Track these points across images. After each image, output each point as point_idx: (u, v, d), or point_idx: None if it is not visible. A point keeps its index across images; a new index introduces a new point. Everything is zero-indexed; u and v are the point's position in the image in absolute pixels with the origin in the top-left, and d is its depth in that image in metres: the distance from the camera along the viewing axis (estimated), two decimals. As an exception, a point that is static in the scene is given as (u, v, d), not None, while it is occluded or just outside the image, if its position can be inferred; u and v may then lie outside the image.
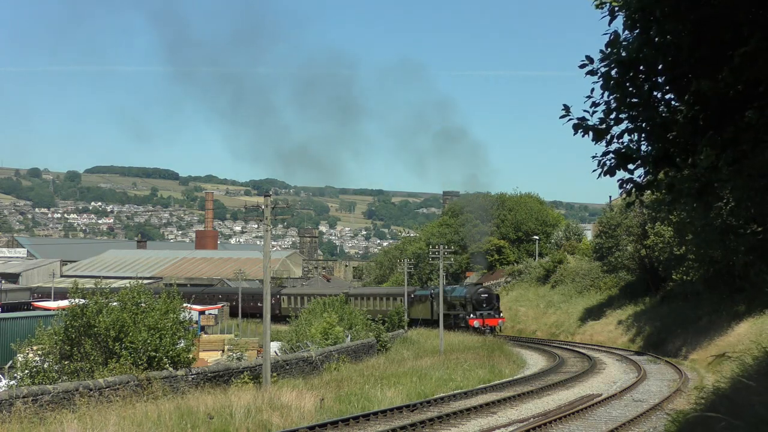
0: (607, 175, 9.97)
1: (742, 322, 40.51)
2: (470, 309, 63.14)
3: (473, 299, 63.36)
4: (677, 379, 34.31)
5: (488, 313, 62.64)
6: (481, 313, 62.35)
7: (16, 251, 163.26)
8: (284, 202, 38.02)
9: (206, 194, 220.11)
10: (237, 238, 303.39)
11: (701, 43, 9.11)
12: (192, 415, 22.17)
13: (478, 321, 61.80)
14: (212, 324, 70.93)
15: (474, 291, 64.90)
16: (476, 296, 63.51)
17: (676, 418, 19.72)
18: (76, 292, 30.10)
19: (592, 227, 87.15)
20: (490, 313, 62.75)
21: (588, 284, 69.52)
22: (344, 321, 50.01)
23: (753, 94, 8.85)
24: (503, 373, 38.01)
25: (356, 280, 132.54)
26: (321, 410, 25.14)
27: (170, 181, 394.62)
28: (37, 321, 36.54)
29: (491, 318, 62.58)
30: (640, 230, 56.63)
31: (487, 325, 61.89)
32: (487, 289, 66.45)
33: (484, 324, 61.75)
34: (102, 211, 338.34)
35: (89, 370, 28.42)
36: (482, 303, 63.10)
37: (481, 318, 62.09)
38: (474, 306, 63.07)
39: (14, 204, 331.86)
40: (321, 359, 38.43)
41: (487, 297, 63.71)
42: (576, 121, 9.92)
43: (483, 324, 61.68)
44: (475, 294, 63.92)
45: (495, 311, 63.45)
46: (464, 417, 24.95)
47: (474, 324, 61.47)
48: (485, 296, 63.71)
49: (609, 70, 9.68)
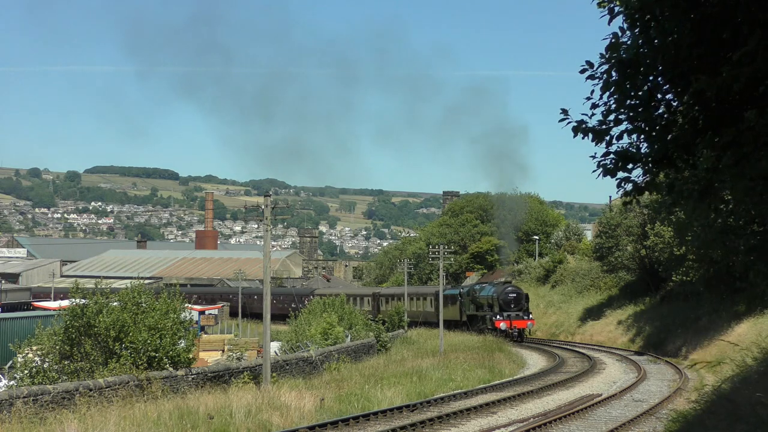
0: (607, 176, 9.96)
1: (742, 322, 40.52)
2: (497, 309, 58.28)
3: (500, 299, 58.31)
4: (677, 379, 34.31)
5: (516, 314, 57.71)
6: (508, 314, 57.45)
7: (16, 251, 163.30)
8: (284, 202, 37.98)
9: (206, 194, 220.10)
10: (237, 238, 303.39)
11: (701, 42, 9.11)
12: (192, 415, 22.18)
13: (504, 323, 56.86)
14: (212, 324, 70.94)
15: (501, 290, 59.20)
16: (503, 295, 58.41)
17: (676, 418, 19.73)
18: (77, 292, 30.10)
19: (592, 227, 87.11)
20: (518, 314, 57.82)
21: (588, 284, 69.51)
22: (344, 321, 50.02)
23: (753, 95, 8.85)
24: (503, 373, 38.00)
25: (356, 280, 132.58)
26: (321, 410, 25.15)
27: (170, 181, 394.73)
28: (37, 321, 36.54)
29: (519, 319, 57.56)
30: (640, 230, 56.63)
31: (515, 328, 57.13)
32: (515, 288, 60.68)
33: (511, 326, 56.99)
34: (102, 211, 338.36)
35: (89, 370, 28.43)
36: (510, 303, 58.20)
37: (508, 319, 57.17)
38: (501, 306, 58.13)
39: (14, 204, 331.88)
40: (321, 359, 38.44)
41: (515, 296, 58.58)
42: (575, 123, 9.91)
43: (510, 326, 56.93)
44: (502, 293, 58.61)
45: (524, 312, 58.42)
46: (464, 417, 24.95)
47: (500, 326, 56.57)
48: (513, 296, 58.54)
49: (609, 70, 9.67)
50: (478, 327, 58.66)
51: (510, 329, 56.64)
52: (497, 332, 55.42)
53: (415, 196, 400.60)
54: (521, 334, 57.28)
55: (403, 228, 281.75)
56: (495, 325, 56.64)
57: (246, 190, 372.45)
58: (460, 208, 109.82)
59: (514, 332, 56.76)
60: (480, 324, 59.00)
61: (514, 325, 57.09)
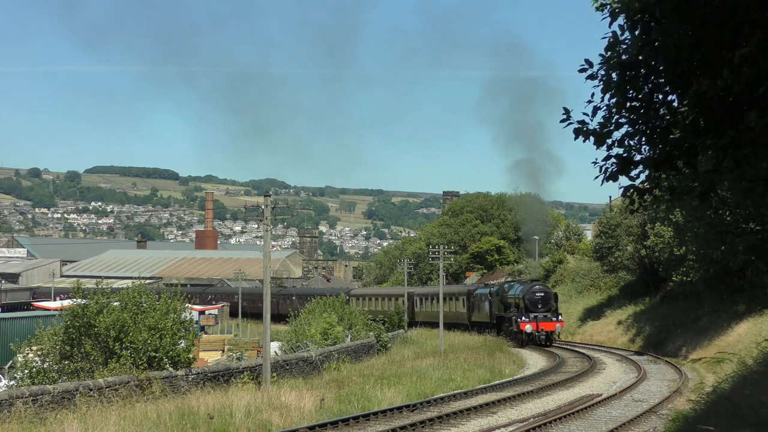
0: (609, 181, 9.88)
1: (742, 322, 40.51)
2: (522, 310, 53.54)
3: (526, 298, 53.54)
4: (677, 379, 34.30)
5: (544, 315, 52.93)
6: (535, 316, 52.78)
7: (16, 251, 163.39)
8: (284, 202, 38.02)
9: (206, 194, 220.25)
10: (237, 238, 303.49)
11: (701, 43, 9.11)
12: (192, 415, 22.17)
13: (530, 325, 52.25)
14: (212, 324, 70.96)
15: (528, 289, 54.41)
16: (529, 295, 53.71)
17: (676, 418, 19.74)
18: (78, 292, 30.11)
19: (592, 227, 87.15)
20: (546, 315, 53.01)
21: (588, 284, 69.55)
22: (344, 321, 50.03)
23: (754, 96, 8.84)
24: (503, 373, 37.98)
25: (356, 280, 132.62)
26: (321, 410, 25.14)
27: (170, 181, 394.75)
28: (37, 321, 36.55)
29: (547, 321, 52.82)
30: (640, 230, 56.63)
31: (542, 330, 52.51)
32: (543, 287, 56.36)
33: (538, 328, 52.36)
34: (102, 211, 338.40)
35: (89, 370, 28.43)
36: (537, 303, 53.31)
37: (535, 321, 52.54)
38: (526, 307, 53.26)
39: (14, 204, 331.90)
40: (321, 359, 38.45)
41: (542, 296, 53.91)
42: (577, 125, 9.82)
43: (537, 328, 52.34)
44: (528, 292, 53.90)
45: (552, 313, 53.57)
46: (464, 417, 24.94)
47: (525, 328, 52.21)
48: (540, 295, 53.88)
49: (609, 72, 9.64)
50: (505, 329, 55.08)
51: (536, 332, 52.36)
52: (523, 335, 52.32)
53: (415, 196, 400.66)
54: (549, 338, 52.90)
55: (403, 228, 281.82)
56: (520, 328, 52.62)
57: (246, 190, 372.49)
58: (460, 208, 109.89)
59: (541, 335, 52.47)
60: (507, 326, 55.14)
61: (541, 327, 52.56)
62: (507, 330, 54.60)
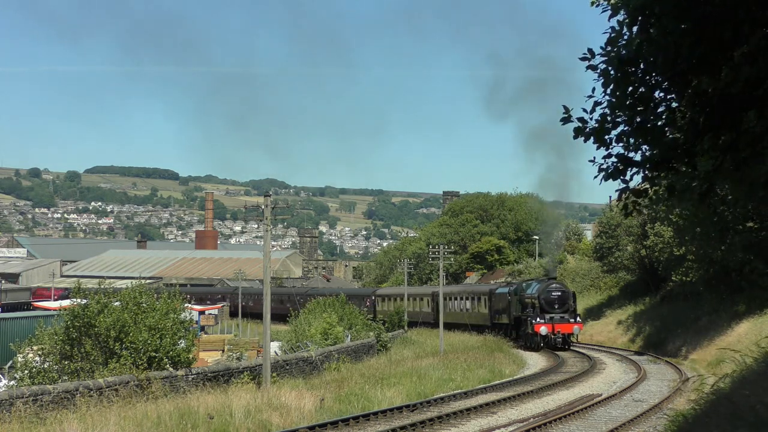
0: (609, 180, 9.87)
1: (742, 322, 40.51)
2: (538, 311, 49.87)
3: (541, 298, 49.86)
4: (677, 379, 34.31)
5: (561, 316, 49.45)
6: (551, 317, 49.23)
7: (16, 251, 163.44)
8: (284, 202, 38.03)
9: (206, 194, 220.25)
10: (237, 238, 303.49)
11: (701, 41, 9.10)
12: (192, 415, 22.16)
13: (545, 327, 48.70)
14: (212, 324, 70.99)
15: (544, 288, 50.53)
16: (545, 294, 49.95)
17: (676, 418, 19.72)
18: (79, 293, 30.12)
19: (592, 227, 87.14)
20: (563, 316, 49.48)
21: (588, 284, 69.54)
22: (344, 321, 50.03)
23: (753, 96, 8.84)
24: (503, 373, 37.97)
25: (356, 281, 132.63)
26: (321, 410, 25.14)
27: (170, 181, 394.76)
28: (37, 321, 36.56)
29: (564, 323, 49.22)
30: (640, 230, 56.63)
31: (559, 333, 48.88)
32: (560, 285, 51.76)
33: (554, 330, 48.81)
34: (102, 211, 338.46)
35: (89, 370, 28.43)
36: (553, 303, 49.72)
37: (551, 323, 48.96)
38: (542, 307, 49.67)
39: (14, 204, 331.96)
40: (321, 359, 38.46)
41: (559, 295, 50.08)
42: (578, 124, 9.80)
43: (553, 330, 48.82)
44: (544, 292, 50.10)
45: (570, 314, 49.91)
46: (464, 417, 24.94)
47: (540, 330, 48.69)
48: (558, 294, 50.03)
49: (608, 67, 9.63)
50: (522, 332, 51.96)
51: (552, 334, 48.85)
52: (537, 337, 49.13)
53: (415, 196, 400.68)
54: (566, 341, 49.35)
55: (403, 228, 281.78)
56: (535, 329, 49.21)
57: (246, 190, 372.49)
58: (460, 208, 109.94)
59: (558, 338, 48.92)
60: (523, 329, 51.66)
61: (558, 329, 48.95)
62: (523, 333, 51.72)
